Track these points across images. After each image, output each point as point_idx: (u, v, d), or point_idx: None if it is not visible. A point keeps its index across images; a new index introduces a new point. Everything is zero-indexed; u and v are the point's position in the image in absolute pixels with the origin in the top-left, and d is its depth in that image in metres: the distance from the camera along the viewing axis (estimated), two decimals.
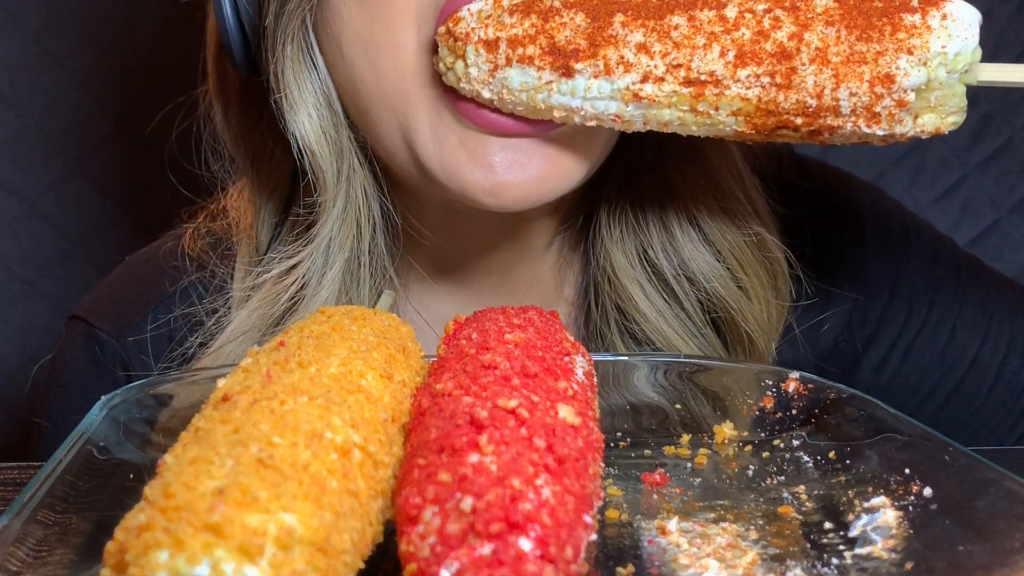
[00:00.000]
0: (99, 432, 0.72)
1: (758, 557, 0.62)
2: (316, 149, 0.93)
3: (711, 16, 0.78)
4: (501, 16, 0.82)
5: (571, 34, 0.80)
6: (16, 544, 0.58)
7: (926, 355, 1.08)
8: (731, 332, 1.01)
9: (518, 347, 0.67)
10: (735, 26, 0.78)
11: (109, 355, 1.06)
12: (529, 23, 0.81)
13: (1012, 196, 1.73)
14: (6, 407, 1.63)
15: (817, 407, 0.79)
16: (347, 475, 0.54)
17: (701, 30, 0.78)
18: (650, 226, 1.00)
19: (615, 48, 0.79)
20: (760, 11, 0.78)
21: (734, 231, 1.00)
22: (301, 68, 0.92)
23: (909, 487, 0.67)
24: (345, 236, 0.96)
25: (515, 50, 0.81)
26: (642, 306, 1.00)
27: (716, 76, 0.78)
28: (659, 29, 0.79)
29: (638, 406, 0.84)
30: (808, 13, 0.77)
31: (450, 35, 0.83)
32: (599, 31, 0.79)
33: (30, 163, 1.61)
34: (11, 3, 1.57)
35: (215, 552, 0.46)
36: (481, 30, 0.82)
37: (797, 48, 0.77)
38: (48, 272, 1.63)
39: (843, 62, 0.76)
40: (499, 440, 0.55)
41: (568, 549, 0.50)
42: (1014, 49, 1.69)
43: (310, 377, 0.61)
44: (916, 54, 0.75)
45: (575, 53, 0.80)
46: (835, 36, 0.76)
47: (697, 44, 0.78)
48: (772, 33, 0.77)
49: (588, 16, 0.80)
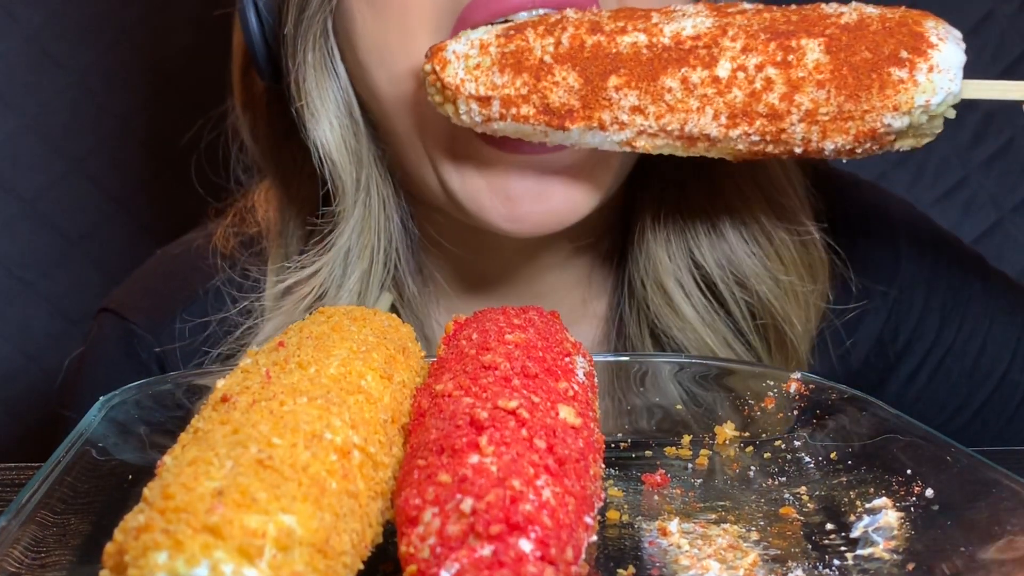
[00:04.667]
0: (98, 433, 0.72)
1: (759, 558, 0.62)
2: (336, 158, 0.93)
3: (704, 77, 0.78)
4: (491, 71, 0.80)
5: (564, 95, 0.79)
6: (14, 545, 0.58)
7: (956, 370, 1.07)
8: (774, 338, 1.00)
9: (518, 348, 0.67)
10: (727, 87, 0.78)
11: (144, 349, 1.05)
12: (521, 82, 0.80)
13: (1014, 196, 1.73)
14: (6, 407, 1.63)
15: (818, 408, 0.79)
16: (347, 476, 0.54)
17: (694, 92, 0.78)
18: (698, 228, 0.99)
19: (609, 111, 0.79)
20: (752, 69, 0.78)
21: (782, 231, 0.98)
22: (322, 76, 0.92)
23: (911, 488, 0.67)
24: (364, 246, 0.96)
25: (509, 109, 0.80)
26: (687, 312, 0.98)
27: (710, 136, 0.79)
28: (653, 91, 0.78)
29: (639, 407, 0.84)
30: (799, 71, 0.77)
31: (438, 79, 0.81)
32: (593, 94, 0.79)
33: (30, 163, 1.61)
34: (11, 3, 1.57)
35: (214, 553, 0.46)
36: (471, 84, 0.80)
37: (788, 110, 0.78)
38: (48, 272, 1.63)
39: (831, 120, 0.78)
40: (499, 441, 0.54)
41: (569, 550, 0.50)
42: (1015, 49, 1.69)
43: (310, 378, 0.61)
44: (901, 109, 0.77)
45: (570, 114, 0.80)
46: (825, 97, 0.77)
47: (691, 107, 0.79)
48: (764, 95, 0.78)
49: (580, 76, 0.79)
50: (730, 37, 0.78)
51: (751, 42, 0.78)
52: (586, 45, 0.79)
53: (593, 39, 0.79)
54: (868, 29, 0.77)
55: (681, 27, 0.79)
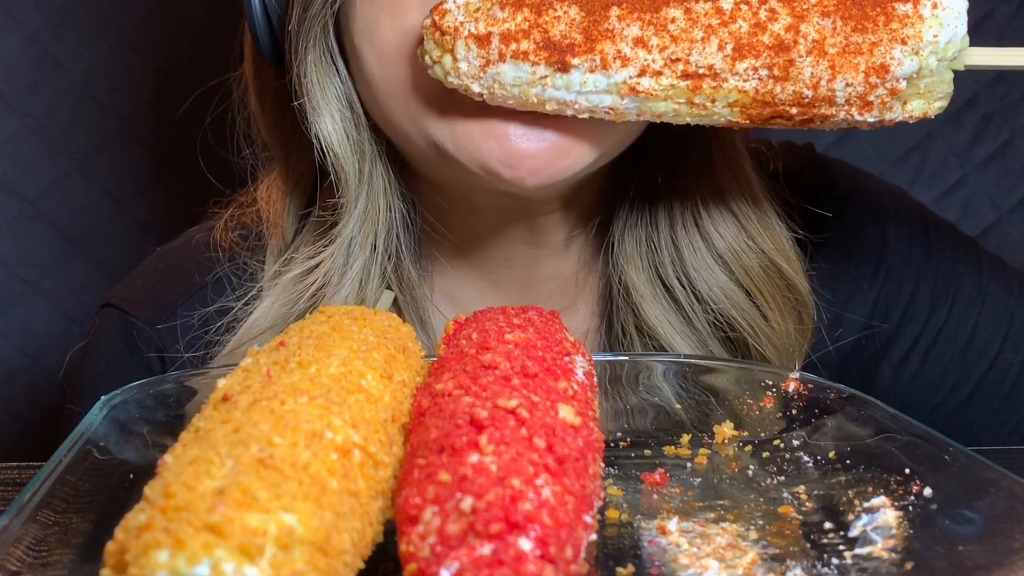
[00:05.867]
0: (99, 432, 0.72)
1: (758, 557, 0.62)
2: (339, 151, 0.95)
3: (707, 8, 0.78)
4: (491, 10, 0.79)
5: (566, 28, 0.78)
6: (16, 544, 0.58)
7: (948, 352, 1.08)
8: (743, 353, 1.01)
9: (518, 347, 0.67)
10: (732, 18, 0.78)
11: (144, 342, 1.06)
12: (522, 17, 0.79)
13: (1012, 196, 1.73)
14: (7, 406, 1.63)
15: (817, 407, 0.79)
16: (347, 475, 0.54)
17: (698, 23, 0.78)
18: (661, 242, 1.01)
19: (612, 42, 0.78)
20: (756, 2, 0.78)
21: (749, 255, 1.00)
22: (323, 72, 0.94)
23: (909, 487, 0.67)
24: (366, 236, 0.97)
25: (508, 45, 0.79)
26: (653, 321, 1.00)
27: (714, 69, 0.78)
28: (656, 22, 0.78)
29: (639, 406, 0.84)
30: (803, 4, 0.77)
31: (436, 28, 0.80)
32: (595, 25, 0.78)
33: (30, 163, 1.61)
34: (11, 3, 1.57)
35: (215, 552, 0.46)
36: (471, 24, 0.79)
37: (794, 40, 0.77)
38: (48, 272, 1.63)
39: (839, 53, 0.77)
40: (499, 440, 0.55)
41: (568, 549, 0.50)
42: None
43: (310, 377, 0.61)
44: (909, 44, 0.77)
45: (571, 48, 0.79)
46: (831, 27, 0.77)
47: (695, 37, 0.78)
48: (769, 25, 0.77)
49: (582, 9, 0.78)
50: None
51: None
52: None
53: None
54: None
55: None
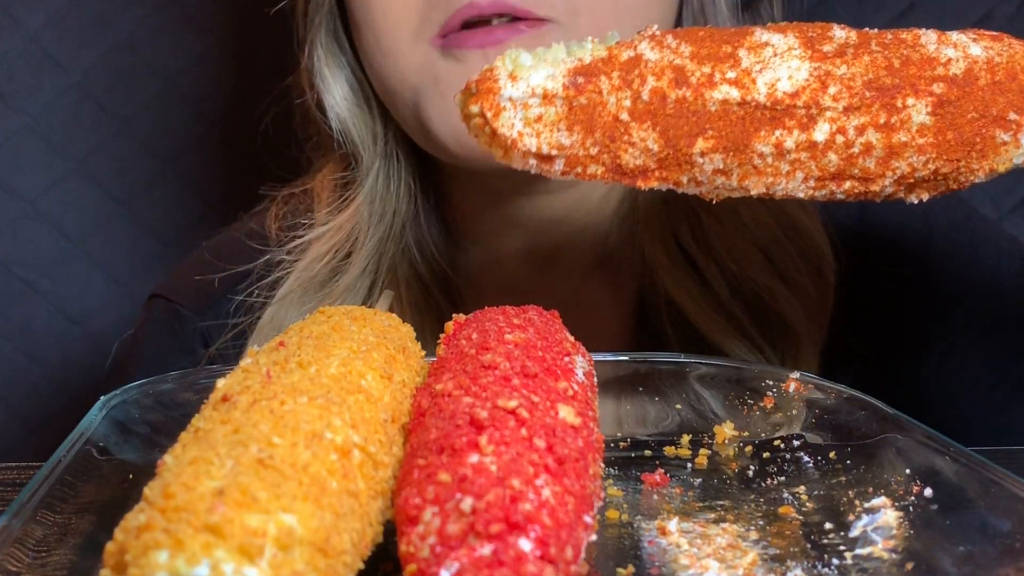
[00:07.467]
0: (99, 432, 0.72)
1: (758, 557, 0.62)
2: (351, 128, 1.00)
3: (800, 141, 0.69)
4: (557, 127, 0.68)
5: (641, 157, 0.69)
6: (15, 544, 0.58)
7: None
8: (771, 322, 1.00)
9: (518, 347, 0.67)
10: (823, 152, 0.69)
11: (190, 331, 1.08)
12: (592, 141, 0.68)
13: (1012, 196, 1.73)
14: (7, 407, 1.63)
15: (817, 407, 0.79)
16: (347, 475, 0.54)
17: (786, 158, 0.70)
18: (678, 209, 1.01)
19: (690, 173, 0.70)
20: (852, 132, 0.69)
21: (760, 208, 0.99)
22: (330, 51, 0.99)
23: (909, 487, 0.67)
24: (381, 211, 1.01)
25: (574, 168, 0.69)
26: (672, 289, 1.01)
27: (791, 193, 0.72)
28: (742, 156, 0.69)
29: (638, 406, 0.84)
30: (902, 135, 0.69)
31: (487, 125, 0.68)
32: (674, 156, 0.69)
33: (31, 163, 1.61)
34: (11, 3, 1.57)
35: (215, 552, 0.46)
36: (532, 140, 0.68)
37: (881, 173, 0.71)
38: (48, 272, 1.63)
39: (919, 182, 0.72)
40: (499, 440, 0.54)
41: (568, 549, 0.50)
42: None
43: (310, 377, 0.61)
44: (996, 170, 0.72)
45: (644, 174, 0.70)
46: (923, 163, 0.70)
47: (781, 172, 0.70)
48: (860, 160, 0.70)
49: (662, 136, 0.68)
50: (832, 96, 0.69)
51: (853, 101, 0.69)
52: (669, 100, 0.68)
53: (677, 93, 0.68)
54: (977, 84, 0.70)
55: (776, 77, 0.69)
